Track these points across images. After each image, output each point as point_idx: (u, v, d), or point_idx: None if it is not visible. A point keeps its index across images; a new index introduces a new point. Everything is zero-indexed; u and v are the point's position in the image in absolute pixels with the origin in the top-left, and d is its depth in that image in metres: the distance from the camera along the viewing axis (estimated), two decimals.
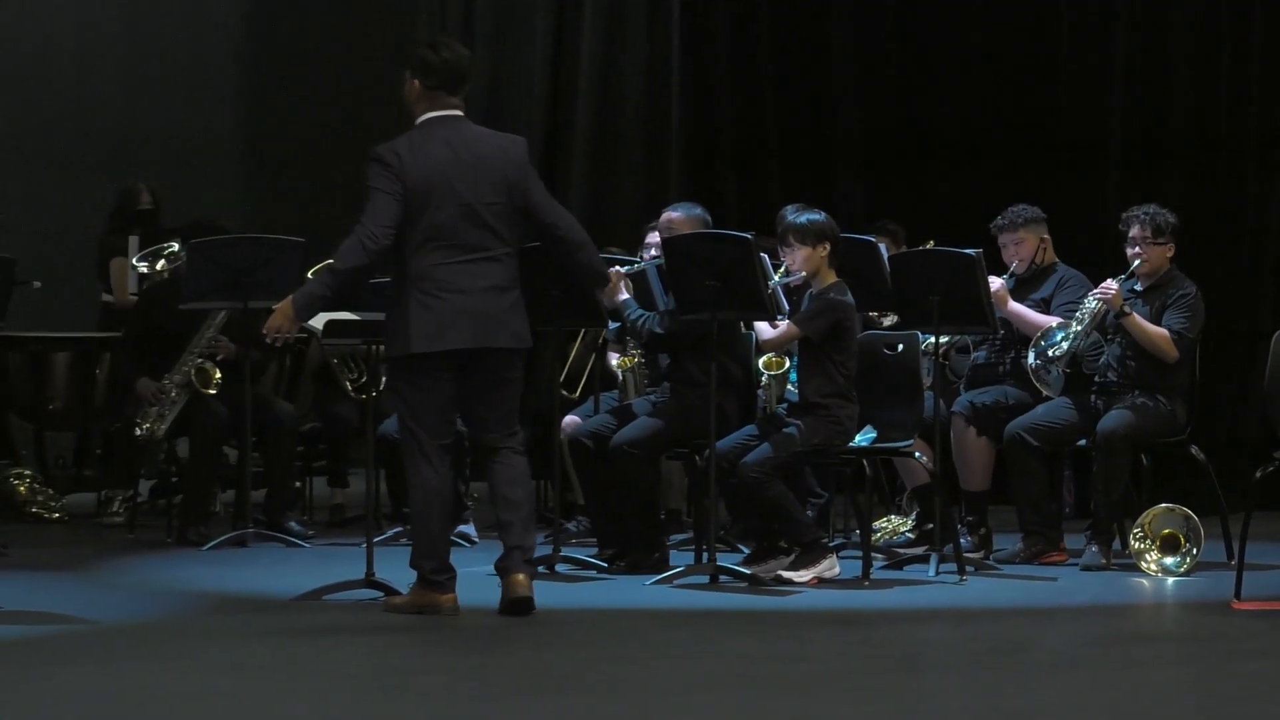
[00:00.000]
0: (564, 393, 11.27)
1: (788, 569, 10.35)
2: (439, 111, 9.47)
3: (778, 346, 10.55)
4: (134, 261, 12.96)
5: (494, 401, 9.45)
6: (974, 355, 11.58)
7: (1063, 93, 14.34)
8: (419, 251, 9.27)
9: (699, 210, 11.24)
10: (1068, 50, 14.34)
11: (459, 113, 9.52)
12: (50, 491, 13.26)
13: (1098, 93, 14.21)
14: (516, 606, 9.28)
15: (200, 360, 12.11)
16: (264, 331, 9.64)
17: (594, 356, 11.74)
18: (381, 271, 10.54)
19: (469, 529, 11.87)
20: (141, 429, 12.20)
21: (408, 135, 9.45)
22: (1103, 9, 14.24)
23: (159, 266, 12.42)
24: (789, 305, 10.56)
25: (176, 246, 12.20)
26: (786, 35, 14.76)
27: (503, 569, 9.38)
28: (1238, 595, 9.77)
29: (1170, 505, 10.85)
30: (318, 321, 10.80)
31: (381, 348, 10.66)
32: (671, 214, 11.21)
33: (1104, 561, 10.93)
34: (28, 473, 13.32)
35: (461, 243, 9.28)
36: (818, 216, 10.55)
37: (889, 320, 11.41)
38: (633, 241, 11.94)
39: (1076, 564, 10.99)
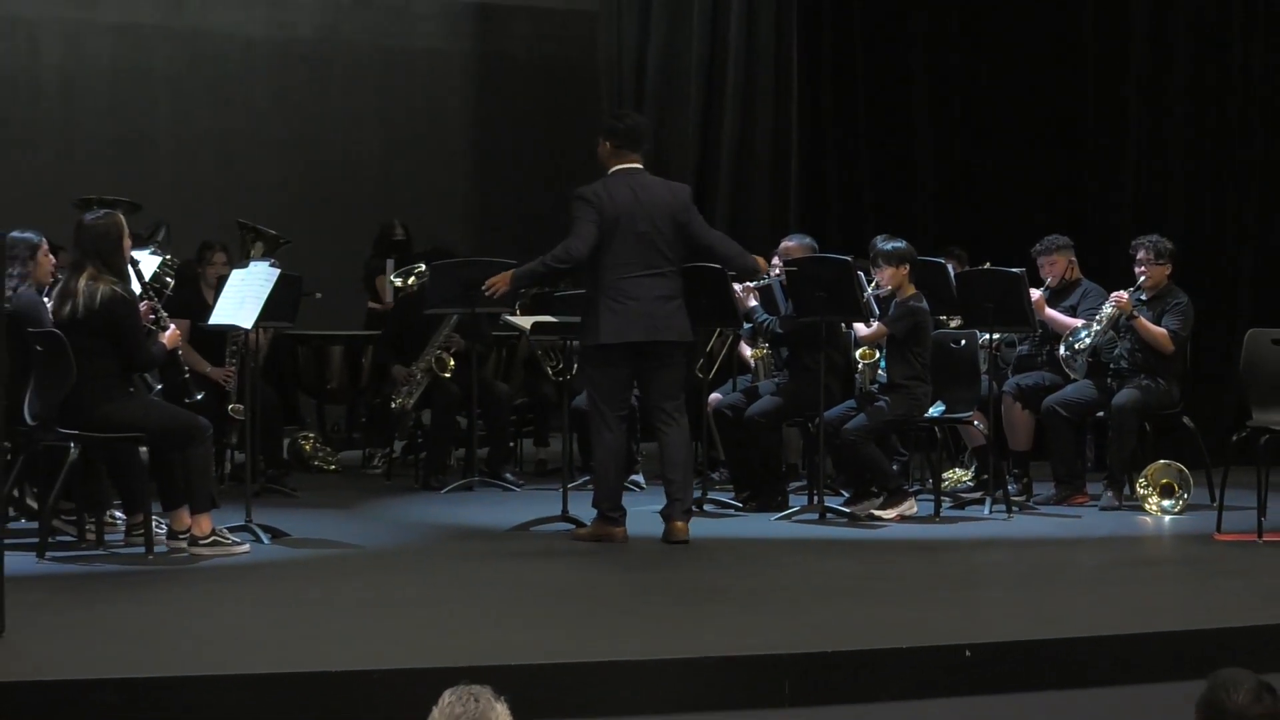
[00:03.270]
0: (699, 375, 11.24)
1: (878, 509, 10.34)
2: (625, 165, 9.51)
3: (871, 341, 10.52)
4: (391, 278, 13.05)
5: (662, 381, 9.48)
6: (1019, 348, 11.52)
7: (1089, 141, 14.24)
8: (609, 269, 9.32)
9: (808, 239, 11.26)
10: (1094, 104, 14.26)
11: (639, 165, 9.56)
12: (328, 449, 13.34)
13: (1117, 156, 14.12)
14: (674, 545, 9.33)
15: (439, 351, 12.18)
16: (484, 285, 9.71)
17: (727, 349, 11.71)
18: (570, 285, 10.57)
19: (638, 478, 11.89)
20: (395, 403, 12.29)
21: (602, 180, 9.50)
22: (1118, 102, 14.14)
23: (409, 281, 12.49)
24: (879, 310, 10.54)
25: (423, 267, 12.26)
26: (878, 113, 14.70)
27: (666, 515, 9.41)
28: (1219, 529, 9.72)
29: (1167, 461, 10.78)
30: (525, 322, 10.85)
31: (574, 342, 10.69)
32: (788, 243, 11.23)
33: (1117, 504, 10.85)
34: (311, 435, 13.41)
35: (640, 262, 9.32)
36: (900, 244, 10.55)
37: (955, 322, 11.36)
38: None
39: (1096, 505, 10.92)
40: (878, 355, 10.55)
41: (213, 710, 5.91)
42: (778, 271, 11.02)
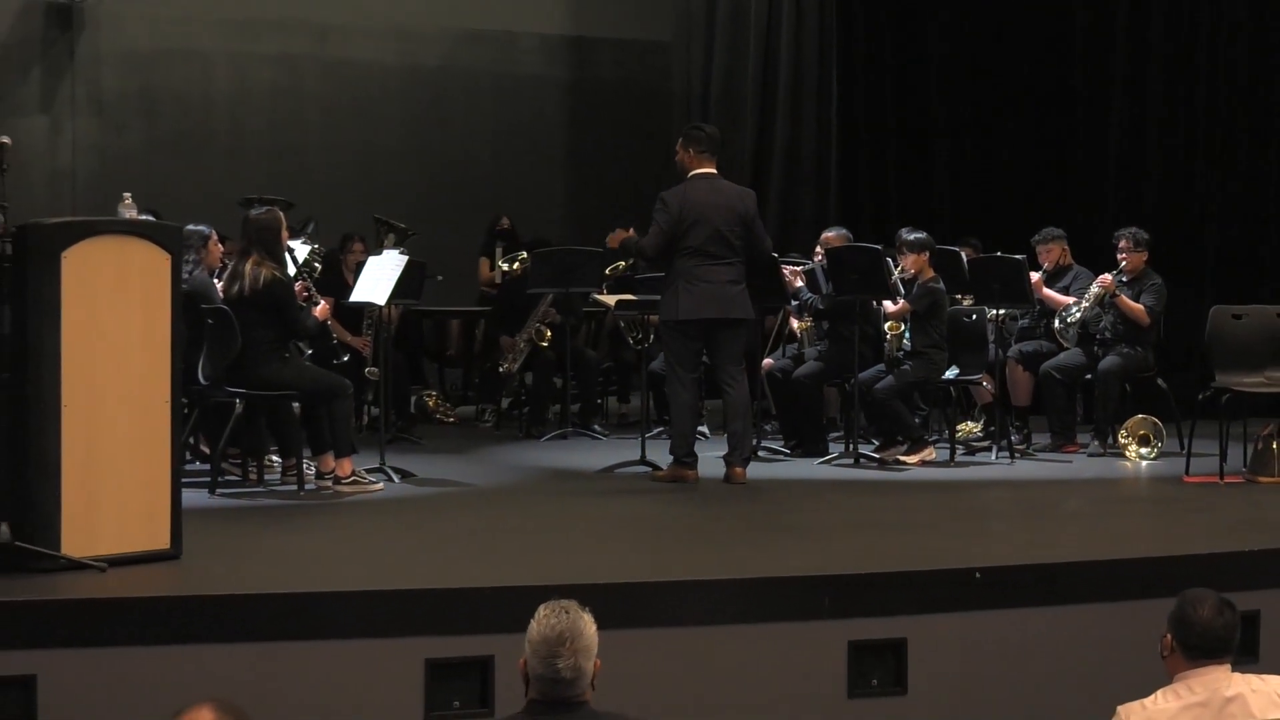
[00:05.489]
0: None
1: (903, 455, 10.30)
2: (702, 169, 9.43)
3: (897, 317, 10.47)
4: (500, 263, 13.11)
5: (728, 349, 9.40)
6: (1020, 321, 11.45)
7: (1079, 149, 14.18)
8: (686, 257, 9.24)
9: (845, 230, 11.25)
10: (1083, 115, 14.17)
11: (714, 170, 9.47)
12: (447, 405, 13.36)
13: (1101, 161, 14.05)
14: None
15: (539, 324, 12.19)
16: (614, 231, 9.85)
17: (779, 323, 11.67)
18: (653, 270, 10.52)
19: (704, 429, 11.85)
20: (502, 367, 12.31)
21: (682, 185, 9.40)
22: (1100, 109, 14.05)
23: (514, 266, 12.52)
24: (904, 290, 10.49)
25: (525, 254, 12.29)
26: (903, 127, 14.67)
27: (727, 460, 9.35)
28: (1187, 472, 9.63)
29: (1144, 415, 10.72)
30: (611, 299, 10.83)
31: (652, 316, 10.63)
32: (828, 233, 11.21)
33: (1102, 451, 10.77)
34: (434, 393, 13.45)
35: (712, 252, 9.24)
36: (922, 235, 10.50)
37: (968, 300, 11.30)
38: (807, 249, 11.88)
39: (1085, 453, 10.84)
40: (903, 327, 10.50)
41: (350, 618, 5.95)
42: (820, 258, 11.00)
